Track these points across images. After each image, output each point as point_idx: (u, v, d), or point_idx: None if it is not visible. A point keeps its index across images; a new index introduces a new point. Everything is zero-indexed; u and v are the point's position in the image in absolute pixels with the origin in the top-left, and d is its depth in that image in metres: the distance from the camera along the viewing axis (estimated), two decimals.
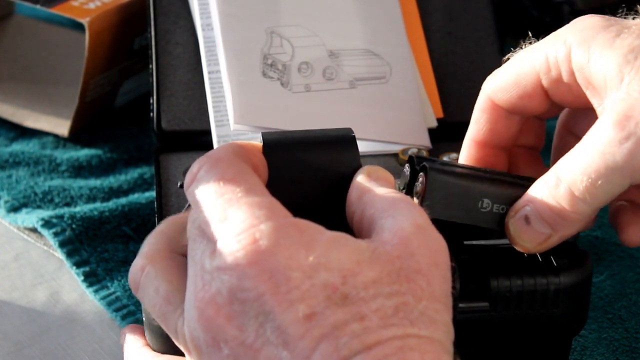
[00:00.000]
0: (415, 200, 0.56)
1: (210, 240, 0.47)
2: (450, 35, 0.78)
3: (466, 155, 0.61)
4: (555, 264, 0.56)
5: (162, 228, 0.53)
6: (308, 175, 0.59)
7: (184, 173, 0.73)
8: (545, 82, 0.57)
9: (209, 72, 0.75)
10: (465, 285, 0.52)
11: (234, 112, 0.70)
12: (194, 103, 0.77)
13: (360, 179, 0.51)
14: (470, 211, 0.55)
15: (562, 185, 0.52)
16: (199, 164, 0.49)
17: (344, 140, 0.60)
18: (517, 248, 0.55)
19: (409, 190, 0.57)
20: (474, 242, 0.58)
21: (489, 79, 0.59)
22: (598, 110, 0.54)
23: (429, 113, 0.76)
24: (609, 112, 0.52)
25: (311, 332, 0.43)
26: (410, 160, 0.57)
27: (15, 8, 0.93)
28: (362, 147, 0.66)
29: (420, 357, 0.43)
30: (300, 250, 0.45)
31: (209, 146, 0.74)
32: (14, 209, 0.75)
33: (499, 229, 0.56)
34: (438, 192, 0.54)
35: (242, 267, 0.44)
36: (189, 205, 0.59)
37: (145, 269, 0.50)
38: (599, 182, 0.51)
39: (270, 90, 0.72)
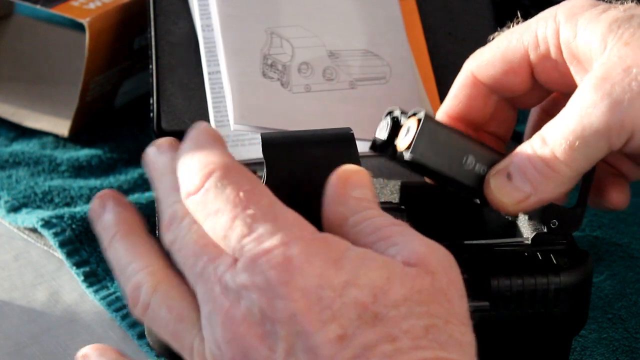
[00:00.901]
0: (403, 145, 0.56)
1: (224, 255, 0.45)
2: (450, 35, 0.78)
3: None
4: (555, 263, 0.56)
5: (146, 245, 0.50)
6: (307, 175, 0.59)
7: None
8: (533, 58, 0.57)
9: (209, 73, 0.75)
10: (466, 285, 0.52)
11: (234, 112, 0.70)
12: (194, 103, 0.77)
13: (331, 196, 0.49)
14: (455, 164, 0.56)
15: (546, 148, 0.53)
16: (204, 173, 0.47)
17: (343, 139, 0.60)
18: (496, 207, 0.55)
19: (389, 140, 0.58)
20: (475, 242, 0.58)
21: (474, 56, 0.60)
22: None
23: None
24: (588, 77, 0.52)
25: (342, 353, 0.42)
26: (390, 113, 0.58)
27: (15, 8, 0.93)
28: (362, 147, 0.65)
29: None
30: (330, 268, 0.44)
31: None
32: (14, 209, 0.75)
33: (478, 189, 0.56)
34: (429, 137, 0.55)
35: (273, 287, 0.43)
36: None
37: (156, 288, 0.48)
38: (577, 143, 0.52)
39: (270, 91, 0.72)
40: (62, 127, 0.83)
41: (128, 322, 0.65)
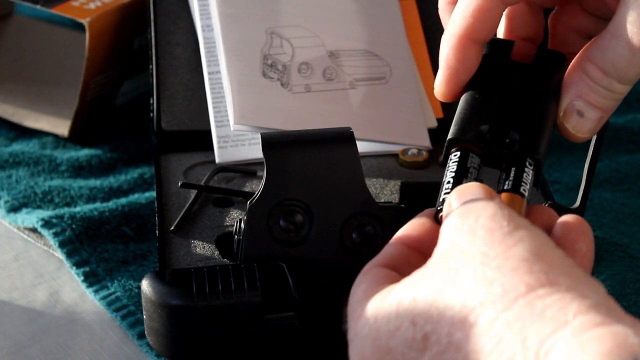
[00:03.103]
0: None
1: None
2: None
3: (455, 52, 0.57)
4: None
5: None
6: (307, 174, 0.59)
7: (185, 173, 0.73)
8: None
9: (209, 73, 0.75)
10: None
11: (234, 112, 0.70)
12: (194, 103, 0.77)
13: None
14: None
15: (607, 79, 0.54)
16: None
17: (343, 139, 0.60)
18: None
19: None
20: None
21: None
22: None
23: (429, 113, 0.76)
24: (627, 13, 0.53)
25: None
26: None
27: (15, 8, 0.93)
28: (362, 147, 0.66)
29: None
30: None
31: (209, 146, 0.74)
32: (14, 209, 0.75)
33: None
34: None
35: None
36: None
37: None
38: (636, 75, 0.54)
39: (270, 91, 0.72)
40: (62, 127, 0.83)
41: (128, 322, 0.65)
